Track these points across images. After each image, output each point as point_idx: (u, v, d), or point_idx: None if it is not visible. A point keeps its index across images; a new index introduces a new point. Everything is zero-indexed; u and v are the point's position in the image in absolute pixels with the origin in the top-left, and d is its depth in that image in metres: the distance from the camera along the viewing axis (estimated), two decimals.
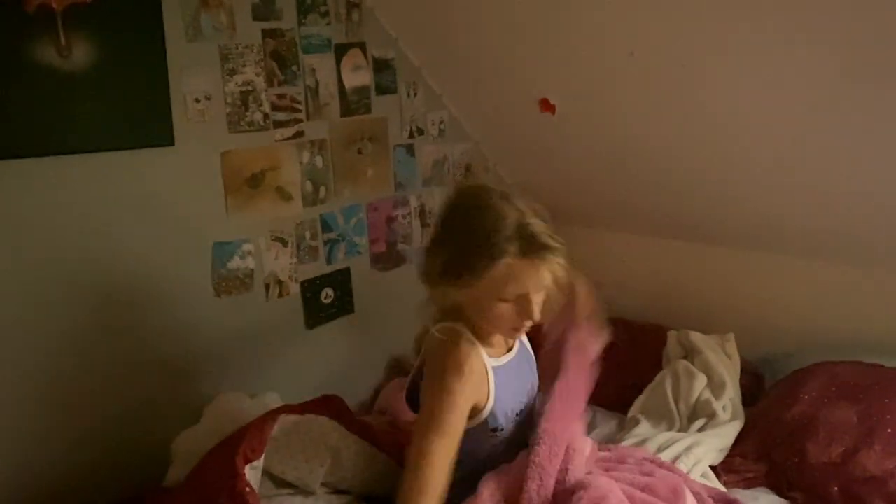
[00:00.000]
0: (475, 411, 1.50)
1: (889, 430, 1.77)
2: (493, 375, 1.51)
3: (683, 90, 2.06)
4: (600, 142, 2.45)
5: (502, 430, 1.52)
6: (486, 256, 1.38)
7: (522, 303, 1.42)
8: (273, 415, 1.91)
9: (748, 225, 2.39)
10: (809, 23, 1.66)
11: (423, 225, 2.70)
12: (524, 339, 1.67)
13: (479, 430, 1.52)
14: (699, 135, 2.17)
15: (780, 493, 1.81)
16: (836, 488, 1.70)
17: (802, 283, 2.38)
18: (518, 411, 1.57)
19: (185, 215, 2.06)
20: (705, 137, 2.17)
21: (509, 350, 1.59)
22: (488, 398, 1.50)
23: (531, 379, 1.64)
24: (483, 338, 1.52)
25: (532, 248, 1.38)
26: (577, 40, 2.12)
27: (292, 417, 1.97)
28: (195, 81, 2.03)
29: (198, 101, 2.05)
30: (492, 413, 1.51)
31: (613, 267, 2.86)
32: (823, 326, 2.32)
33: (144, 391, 2.03)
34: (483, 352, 1.50)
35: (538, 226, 1.41)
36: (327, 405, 2.11)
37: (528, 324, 1.47)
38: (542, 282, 1.42)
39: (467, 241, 1.41)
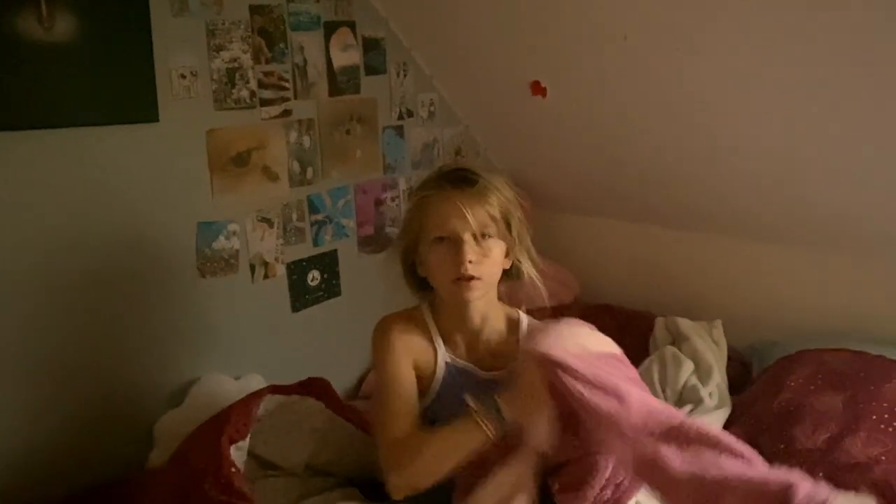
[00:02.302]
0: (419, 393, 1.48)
1: (874, 417, 1.77)
2: (444, 366, 1.49)
3: (675, 76, 2.05)
4: (591, 126, 2.43)
5: (441, 420, 1.45)
6: (414, 199, 1.45)
7: (454, 243, 1.39)
8: (259, 395, 1.89)
9: (737, 213, 2.38)
10: (801, 13, 1.64)
11: None
12: None
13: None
14: (690, 121, 2.16)
15: None
16: (821, 474, 1.69)
17: (791, 271, 2.38)
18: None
19: (170, 194, 2.02)
20: (696, 124, 2.15)
21: (480, 363, 1.51)
22: (431, 385, 1.49)
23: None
24: (446, 334, 1.51)
25: (455, 179, 1.41)
26: (570, 22, 2.10)
27: (278, 398, 1.95)
28: (181, 57, 1.99)
29: (183, 77, 2.01)
30: (430, 407, 1.50)
31: (602, 253, 2.86)
32: (811, 314, 2.32)
33: (127, 373, 2.00)
34: (437, 335, 1.50)
35: (468, 166, 1.45)
36: (313, 387, 2.10)
37: (464, 271, 1.38)
38: (472, 218, 1.38)
39: (410, 197, 1.50)
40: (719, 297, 2.51)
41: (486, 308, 1.50)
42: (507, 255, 1.46)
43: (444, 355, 1.50)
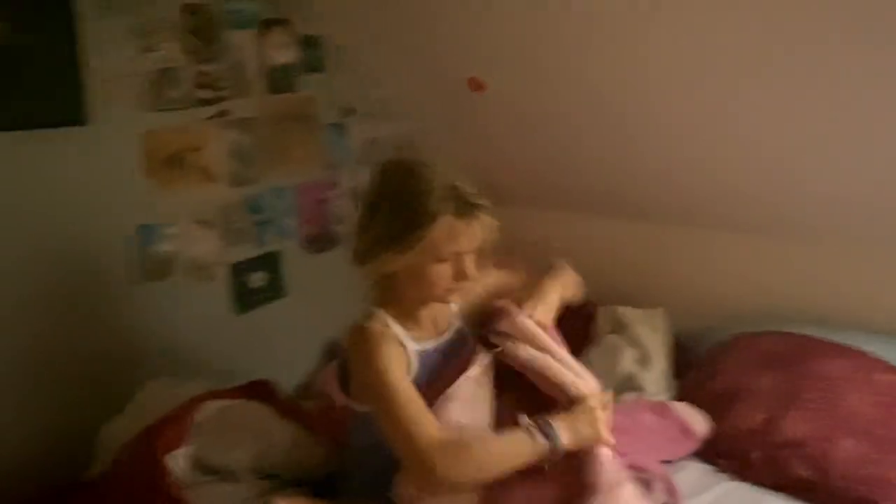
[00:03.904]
0: None
1: (807, 396, 1.82)
2: (416, 359, 1.52)
3: (615, 65, 2.07)
4: (530, 119, 2.45)
5: None
6: (423, 219, 1.43)
7: (458, 262, 1.48)
8: (195, 402, 1.86)
9: (677, 201, 2.42)
10: None
11: (357, 206, 2.67)
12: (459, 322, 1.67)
13: None
14: (631, 111, 2.19)
15: (707, 461, 1.85)
16: (758, 454, 1.74)
17: (729, 257, 2.42)
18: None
19: (104, 199, 1.99)
20: (631, 112, 2.18)
21: (441, 334, 1.61)
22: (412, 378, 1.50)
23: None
24: (409, 319, 1.55)
25: (465, 206, 1.45)
26: (508, 16, 2.11)
27: (218, 403, 1.93)
28: (110, 58, 1.96)
29: (113, 78, 1.97)
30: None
31: (545, 244, 2.88)
32: (748, 299, 2.37)
33: (67, 382, 1.97)
34: (403, 333, 1.52)
35: (467, 186, 1.48)
36: (255, 390, 2.08)
37: (463, 284, 1.51)
38: (474, 240, 1.48)
39: (403, 206, 1.46)
40: (661, 285, 2.55)
41: None
42: None
43: (413, 346, 1.54)
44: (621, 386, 2.12)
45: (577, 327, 2.40)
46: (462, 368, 1.55)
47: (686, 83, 2.00)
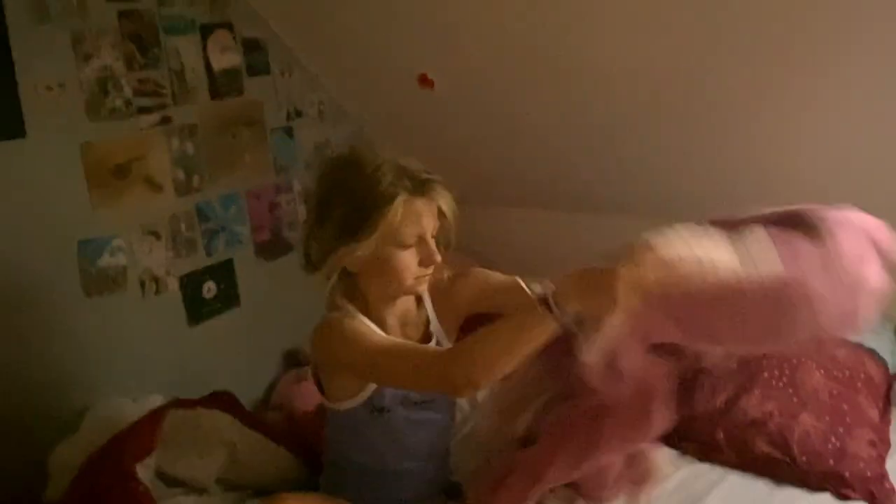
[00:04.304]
0: (359, 385, 1.47)
1: (766, 375, 1.84)
2: None
3: (567, 58, 2.08)
4: (480, 116, 2.44)
5: (388, 411, 1.48)
6: (380, 202, 1.37)
7: (422, 245, 1.42)
8: (163, 410, 1.81)
9: (636, 192, 2.44)
10: None
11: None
12: (444, 341, 1.59)
13: (362, 409, 1.49)
14: (588, 103, 2.20)
15: (672, 446, 1.86)
16: (721, 434, 1.76)
17: None
18: (420, 401, 1.52)
19: (45, 213, 1.91)
20: (595, 104, 2.19)
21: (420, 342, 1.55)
22: None
23: None
24: (378, 322, 1.49)
25: (420, 184, 1.39)
26: (454, 11, 2.10)
27: (182, 413, 1.88)
28: (46, 67, 1.89)
29: (50, 88, 1.90)
30: (377, 389, 1.47)
31: (499, 241, 2.87)
32: None
33: (12, 404, 1.89)
34: (371, 323, 1.46)
35: (416, 164, 1.43)
36: (218, 401, 2.03)
37: (430, 270, 1.45)
38: (435, 219, 1.42)
39: (355, 197, 1.39)
40: None
41: None
42: None
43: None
44: None
45: None
46: None
47: (636, 77, 2.02)
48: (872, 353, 1.93)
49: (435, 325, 1.59)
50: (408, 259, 1.41)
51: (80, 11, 1.95)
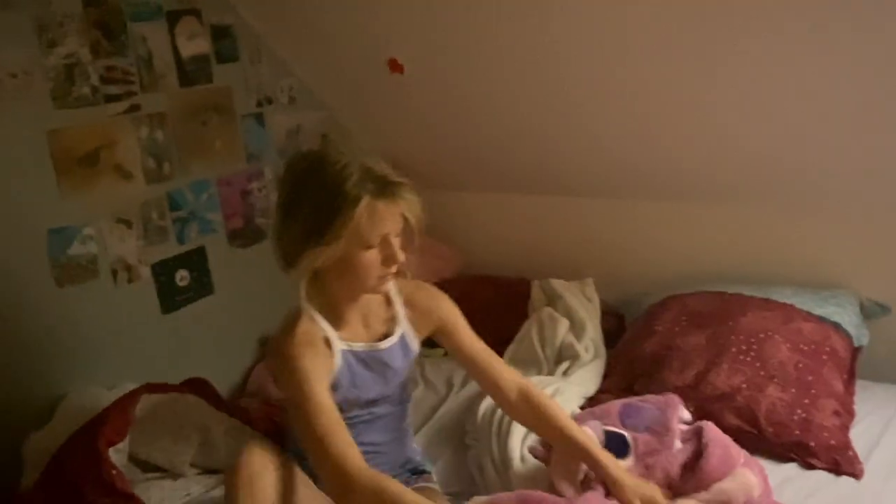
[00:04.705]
0: None
1: (734, 350, 1.88)
2: (340, 357, 1.49)
3: (532, 42, 2.09)
4: (452, 99, 2.45)
5: (342, 411, 1.45)
6: (344, 205, 1.37)
7: (386, 246, 1.43)
8: (135, 394, 1.81)
9: (600, 174, 2.47)
10: None
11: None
12: (411, 341, 1.62)
13: None
14: (550, 88, 2.21)
15: None
16: (691, 409, 1.78)
17: (651, 225, 2.48)
18: (372, 399, 1.55)
19: (13, 202, 1.90)
20: (553, 88, 2.21)
21: (376, 338, 1.57)
22: (335, 377, 1.48)
23: (400, 377, 1.61)
24: (338, 318, 1.51)
25: (384, 187, 1.40)
26: None
27: (155, 398, 1.88)
28: (9, 54, 1.87)
29: (14, 76, 1.88)
30: (337, 394, 1.48)
31: (476, 226, 2.89)
32: (673, 263, 2.43)
33: None
34: (331, 331, 1.49)
35: (382, 166, 1.43)
36: (192, 387, 2.04)
37: (394, 269, 1.46)
38: (398, 221, 1.43)
39: (320, 198, 1.40)
40: (590, 256, 2.59)
41: None
42: None
43: (340, 348, 1.50)
44: (559, 356, 2.15)
45: (513, 303, 2.45)
46: None
47: (596, 57, 2.03)
48: (837, 326, 1.97)
49: (404, 325, 1.60)
50: (371, 259, 1.43)
51: None
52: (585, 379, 2.04)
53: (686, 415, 1.69)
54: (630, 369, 2.02)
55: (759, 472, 1.54)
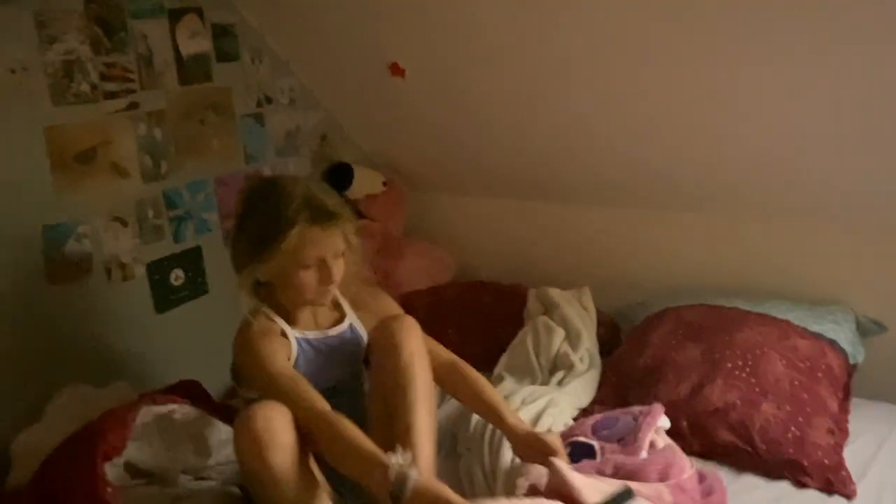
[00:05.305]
0: None
1: (729, 365, 1.87)
2: (295, 343, 1.69)
3: (531, 49, 2.08)
4: (453, 105, 2.45)
5: None
6: (281, 227, 1.58)
7: (322, 267, 1.62)
8: (133, 407, 1.79)
9: (599, 183, 2.47)
10: None
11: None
12: (360, 330, 1.80)
13: None
14: (549, 94, 2.21)
15: None
16: (685, 423, 1.78)
17: (651, 235, 2.48)
18: (328, 387, 1.62)
19: (8, 198, 1.88)
20: (553, 94, 2.20)
21: (327, 326, 1.77)
22: (294, 361, 1.67)
23: (352, 363, 1.78)
24: (288, 314, 1.71)
25: (319, 215, 1.59)
26: (426, 1, 2.10)
27: (154, 409, 1.86)
28: (8, 50, 1.85)
29: (13, 71, 1.87)
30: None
31: (476, 231, 2.89)
32: (670, 273, 2.44)
33: None
34: (283, 322, 1.69)
35: (323, 196, 1.63)
36: (186, 391, 2.02)
37: (332, 288, 1.65)
38: (335, 246, 1.63)
39: (263, 218, 1.62)
40: (587, 264, 2.59)
41: None
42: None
43: (294, 335, 1.70)
44: (554, 365, 2.14)
45: (509, 311, 2.44)
46: None
47: (595, 64, 2.03)
48: (833, 343, 1.97)
49: (352, 317, 1.81)
50: (307, 278, 1.62)
51: None
52: (580, 390, 2.03)
53: (665, 422, 1.72)
54: (624, 381, 2.02)
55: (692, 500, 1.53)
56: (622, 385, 2.00)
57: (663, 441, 1.68)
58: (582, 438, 1.68)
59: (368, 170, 2.81)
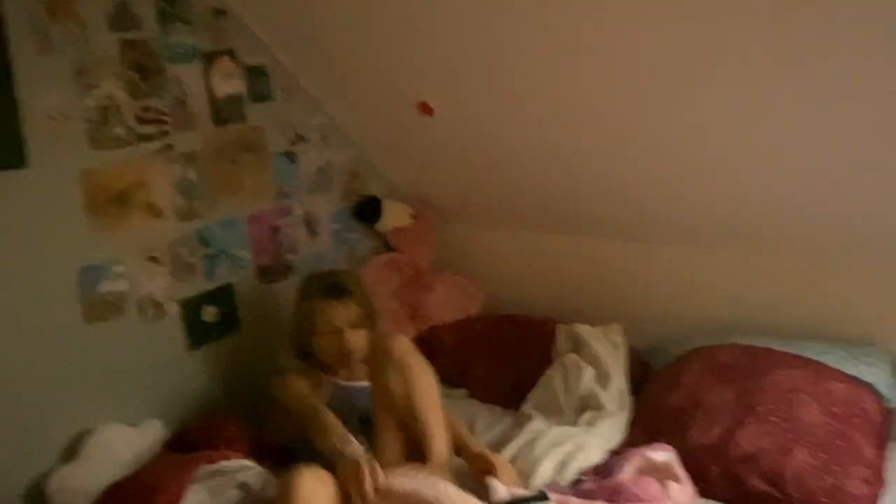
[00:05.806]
0: None
1: (761, 409, 1.83)
2: (330, 385, 2.08)
3: (559, 87, 2.09)
4: (481, 142, 2.46)
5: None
6: (302, 300, 2.13)
7: (337, 337, 2.04)
8: (193, 464, 1.82)
9: (631, 218, 2.45)
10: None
11: (311, 233, 2.64)
12: None
13: None
14: (581, 130, 2.21)
15: None
16: (715, 469, 1.75)
17: (682, 271, 2.45)
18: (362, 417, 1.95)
19: (45, 240, 1.94)
20: (588, 131, 2.20)
21: (350, 378, 2.10)
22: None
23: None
24: (331, 370, 2.11)
25: (331, 291, 2.06)
26: (454, 40, 2.12)
27: (209, 468, 1.87)
28: (49, 97, 1.92)
29: (53, 118, 1.93)
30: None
31: (505, 264, 2.88)
32: (700, 310, 2.39)
33: (13, 429, 1.90)
34: (319, 372, 2.10)
35: (342, 276, 2.15)
36: (225, 425, 2.06)
37: (348, 353, 2.04)
38: (345, 318, 2.04)
39: (298, 294, 2.17)
40: (618, 300, 2.56)
41: None
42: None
43: (331, 384, 2.08)
44: (582, 405, 2.12)
45: (537, 346, 2.42)
46: None
47: (630, 104, 2.02)
48: (870, 387, 1.92)
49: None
50: (325, 343, 2.07)
51: (83, 41, 1.98)
52: (609, 431, 2.00)
53: (659, 456, 1.75)
54: (654, 422, 1.99)
55: None
56: (652, 427, 1.97)
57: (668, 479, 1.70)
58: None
59: (397, 203, 2.83)
